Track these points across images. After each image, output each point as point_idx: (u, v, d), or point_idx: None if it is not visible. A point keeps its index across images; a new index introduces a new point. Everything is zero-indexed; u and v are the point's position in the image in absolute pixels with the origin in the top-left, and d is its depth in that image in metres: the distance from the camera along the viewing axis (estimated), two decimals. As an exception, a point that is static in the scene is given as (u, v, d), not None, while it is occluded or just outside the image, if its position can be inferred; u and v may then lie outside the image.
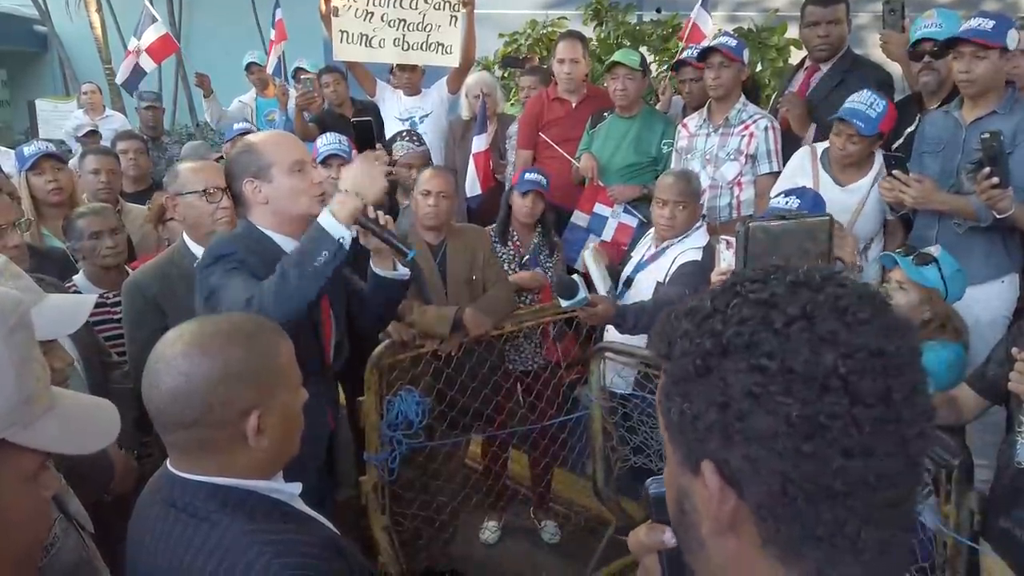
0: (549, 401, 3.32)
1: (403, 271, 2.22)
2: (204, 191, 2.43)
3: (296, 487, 1.26)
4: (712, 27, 4.64)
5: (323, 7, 4.26)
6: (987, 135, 2.55)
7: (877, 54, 3.73)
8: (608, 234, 3.70)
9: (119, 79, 5.98)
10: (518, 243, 3.46)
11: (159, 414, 1.17)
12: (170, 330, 1.23)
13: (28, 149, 3.30)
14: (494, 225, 3.49)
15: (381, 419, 2.82)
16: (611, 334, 3.07)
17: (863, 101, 2.92)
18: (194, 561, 1.12)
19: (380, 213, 2.15)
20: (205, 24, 10.62)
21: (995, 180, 2.51)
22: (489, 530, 3.54)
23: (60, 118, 8.00)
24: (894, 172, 2.77)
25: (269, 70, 5.71)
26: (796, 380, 0.57)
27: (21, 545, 0.70)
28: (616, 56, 3.80)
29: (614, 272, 3.21)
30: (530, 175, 3.40)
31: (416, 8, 4.23)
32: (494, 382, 3.14)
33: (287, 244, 2.13)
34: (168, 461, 1.23)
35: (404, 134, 3.70)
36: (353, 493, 2.84)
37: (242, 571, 1.08)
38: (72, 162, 3.87)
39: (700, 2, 4.64)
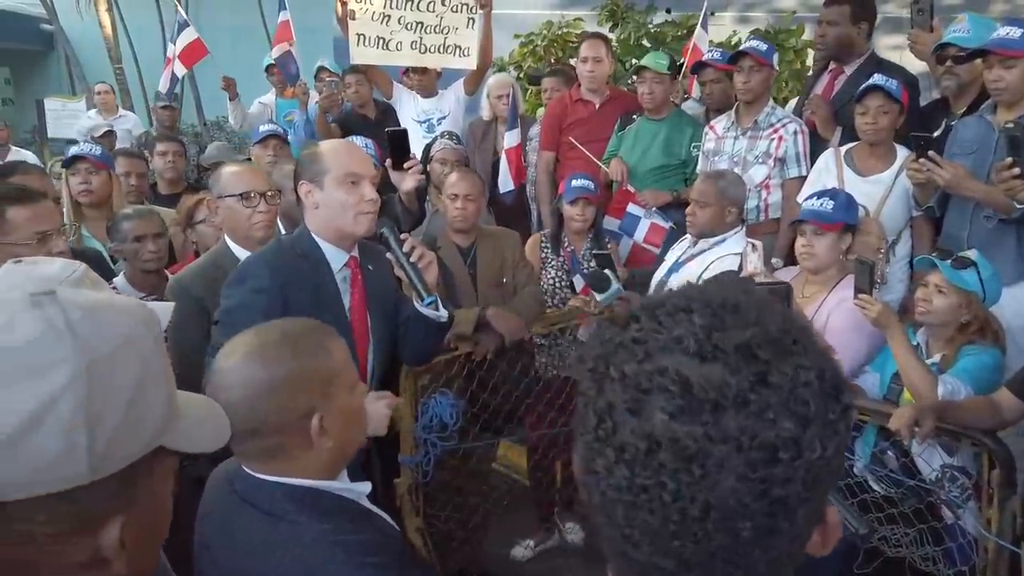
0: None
1: (442, 312, 2.21)
2: (242, 195, 2.43)
3: (365, 486, 1.30)
4: (707, 44, 4.74)
5: (339, 10, 4.27)
6: (1011, 125, 2.59)
7: (889, 56, 3.75)
8: (640, 235, 3.69)
9: (161, 87, 6.02)
10: (570, 251, 3.43)
11: None
12: (227, 343, 1.28)
13: (71, 149, 3.41)
14: (547, 231, 3.49)
15: (415, 422, 2.83)
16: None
17: (878, 78, 3.04)
18: (269, 558, 1.16)
19: (418, 248, 2.15)
20: (211, 23, 10.62)
21: (1016, 171, 2.53)
22: (526, 547, 3.48)
23: (69, 117, 7.98)
24: (929, 153, 2.78)
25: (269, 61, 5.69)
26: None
27: (165, 533, 0.75)
28: (644, 60, 3.81)
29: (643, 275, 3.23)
30: (576, 182, 3.35)
31: (433, 11, 4.24)
32: (525, 384, 3.15)
33: (334, 255, 2.14)
34: (241, 462, 1.27)
35: (445, 134, 3.72)
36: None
37: (319, 570, 1.12)
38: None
39: (700, 22, 4.71)
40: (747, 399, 0.56)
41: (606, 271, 2.93)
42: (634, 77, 4.06)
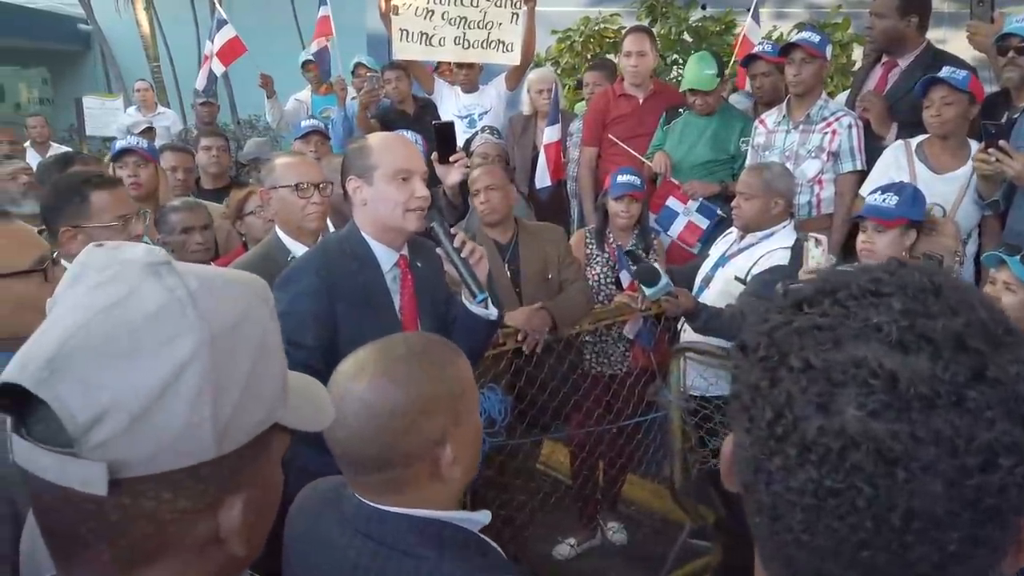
0: (626, 402, 3.28)
1: (492, 311, 2.13)
2: (296, 185, 2.42)
3: (484, 516, 1.19)
4: (760, 35, 4.68)
5: (383, 5, 4.25)
6: None
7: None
8: (675, 231, 3.62)
9: (199, 84, 6.07)
10: (615, 247, 3.37)
11: (348, 453, 1.12)
12: (346, 359, 1.17)
13: (119, 142, 3.44)
14: (591, 226, 3.45)
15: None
16: (689, 334, 3.03)
17: (945, 70, 2.96)
18: None
19: (468, 242, 2.09)
20: (243, 21, 10.68)
21: None
22: (568, 545, 3.44)
23: (108, 115, 8.10)
24: (999, 143, 2.69)
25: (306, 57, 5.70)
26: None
27: (274, 515, 0.73)
28: (689, 78, 3.74)
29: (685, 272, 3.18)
30: (623, 177, 3.29)
31: (477, 6, 4.21)
32: (572, 381, 3.10)
33: (384, 254, 2.07)
34: (355, 490, 1.18)
35: (487, 128, 3.70)
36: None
37: None
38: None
39: (751, 13, 4.64)
40: (963, 396, 0.49)
41: (655, 265, 2.87)
42: (676, 73, 4.00)
